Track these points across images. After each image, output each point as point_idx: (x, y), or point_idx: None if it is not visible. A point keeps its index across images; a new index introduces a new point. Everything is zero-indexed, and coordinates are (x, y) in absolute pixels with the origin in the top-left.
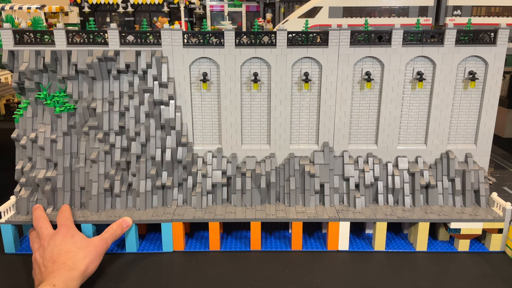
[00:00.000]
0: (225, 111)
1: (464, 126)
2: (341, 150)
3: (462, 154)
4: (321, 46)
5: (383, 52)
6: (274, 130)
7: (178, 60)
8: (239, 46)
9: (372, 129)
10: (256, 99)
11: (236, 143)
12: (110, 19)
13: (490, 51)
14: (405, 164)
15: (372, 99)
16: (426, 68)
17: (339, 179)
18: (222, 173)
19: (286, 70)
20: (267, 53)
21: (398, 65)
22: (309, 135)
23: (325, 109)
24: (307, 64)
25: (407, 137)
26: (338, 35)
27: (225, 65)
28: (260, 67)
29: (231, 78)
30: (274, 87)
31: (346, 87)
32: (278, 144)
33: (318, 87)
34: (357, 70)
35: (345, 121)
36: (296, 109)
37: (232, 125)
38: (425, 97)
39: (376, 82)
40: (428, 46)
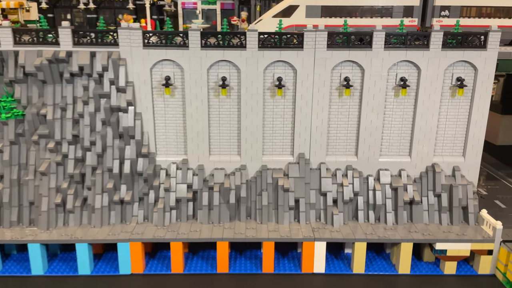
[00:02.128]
0: (190, 119)
1: (452, 137)
2: (318, 162)
3: (450, 167)
4: (296, 49)
5: (363, 56)
6: (245, 139)
7: (138, 62)
8: (206, 48)
9: (352, 140)
10: (225, 106)
11: (203, 153)
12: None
13: (480, 55)
14: (387, 178)
15: (352, 107)
16: (410, 73)
17: (315, 194)
18: (187, 186)
19: (258, 75)
20: (236, 55)
21: (379, 70)
22: (284, 145)
23: (301, 118)
24: (281, 68)
25: (390, 149)
26: (314, 37)
27: (190, 68)
28: (229, 71)
29: (197, 83)
30: (245, 93)
31: (323, 94)
32: (250, 155)
33: (293, 94)
34: (335, 75)
35: (323, 130)
36: (269, 117)
37: (198, 134)
38: (410, 105)
39: (356, 88)
40: (412, 49)
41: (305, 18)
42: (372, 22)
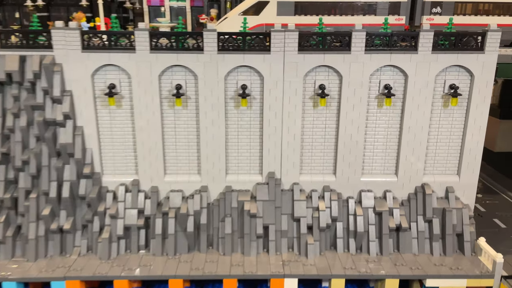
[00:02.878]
0: (141, 133)
1: (445, 153)
2: (291, 183)
3: (442, 188)
4: (262, 52)
5: (340, 60)
6: (205, 157)
7: (76, 68)
8: (156, 51)
9: (330, 157)
10: (182, 118)
11: (157, 173)
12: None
13: (477, 59)
14: (370, 200)
15: (329, 119)
16: (396, 80)
17: (287, 219)
18: (138, 212)
19: (218, 82)
20: (192, 60)
21: (360, 77)
22: (251, 163)
23: (269, 132)
24: (245, 74)
25: (373, 167)
26: (282, 38)
27: (138, 74)
28: (185, 77)
29: (147, 91)
30: (204, 103)
31: (294, 104)
32: (211, 174)
33: (260, 104)
34: (309, 83)
35: (295, 146)
36: (234, 131)
37: (151, 151)
38: (395, 116)
39: (333, 97)
40: (398, 52)
41: (276, 16)
42: (353, 20)
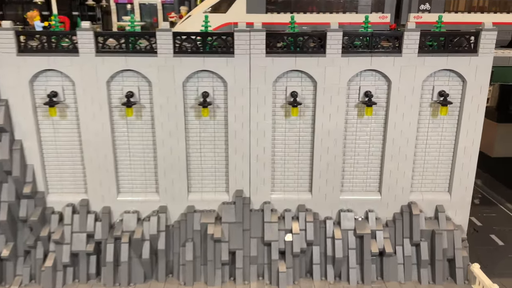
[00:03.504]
0: (89, 147)
1: (434, 168)
2: (261, 202)
3: (431, 207)
4: (225, 55)
5: (314, 64)
6: (163, 173)
7: (12, 73)
8: (103, 53)
9: (305, 172)
10: (136, 130)
11: (108, 192)
12: None
13: (469, 62)
14: (350, 221)
15: (303, 130)
16: (378, 86)
17: (257, 244)
18: (87, 236)
19: (175, 89)
20: (144, 64)
21: (336, 83)
22: (216, 180)
23: (236, 144)
24: (207, 80)
25: (354, 183)
26: (247, 39)
27: (83, 80)
28: (137, 83)
29: (94, 100)
30: (159, 113)
31: (264, 114)
32: (171, 193)
33: (225, 113)
34: (280, 90)
35: (265, 161)
36: (196, 143)
37: (101, 167)
38: (378, 127)
39: (307, 106)
40: (380, 55)
41: (246, 14)
42: (333, 18)
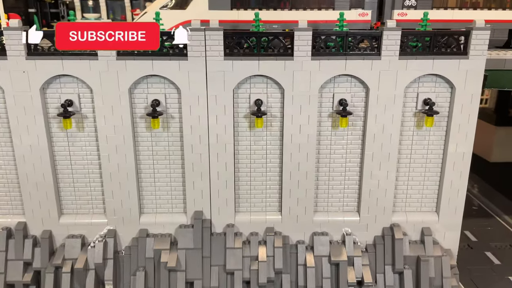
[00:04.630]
0: (23, 163)
1: (419, 185)
2: (224, 224)
3: (417, 230)
4: (177, 58)
5: (281, 69)
6: (110, 193)
7: None
8: (36, 56)
9: (274, 190)
10: (78, 143)
11: (49, 214)
12: None
13: (458, 66)
14: (325, 246)
15: (271, 143)
16: (355, 94)
17: (218, 272)
18: (24, 264)
19: (120, 97)
20: (84, 68)
21: (306, 90)
22: (173, 199)
23: (193, 160)
24: (158, 86)
25: (329, 203)
26: (202, 39)
27: (13, 88)
28: (77, 90)
29: (27, 110)
30: (104, 125)
31: (224, 125)
32: (120, 215)
33: (179, 124)
34: (242, 98)
35: (228, 177)
36: (147, 159)
37: (38, 186)
38: (355, 140)
39: (274, 116)
40: (356, 58)
41: (208, 10)
42: (307, 16)
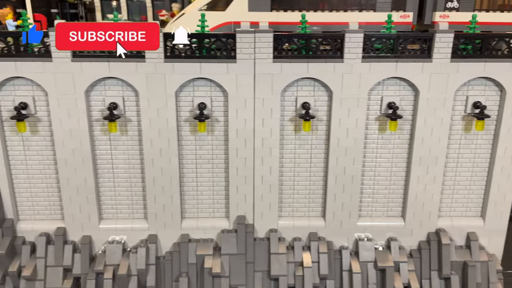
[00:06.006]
0: (65, 167)
1: (465, 190)
2: (267, 229)
3: (462, 235)
4: (225, 60)
5: (330, 71)
6: (153, 197)
7: None
8: (81, 58)
9: (317, 195)
10: (121, 147)
11: (88, 219)
12: None
13: (510, 69)
14: (370, 252)
15: (316, 146)
16: (404, 97)
17: (262, 278)
18: (64, 271)
19: (167, 100)
20: (130, 70)
21: (355, 93)
22: (214, 204)
23: (238, 164)
24: (204, 89)
25: (374, 208)
26: (252, 41)
27: (57, 90)
28: (122, 93)
29: (70, 112)
30: (148, 128)
31: (270, 129)
32: (162, 220)
33: (225, 128)
34: (289, 101)
35: (272, 182)
36: (191, 163)
37: (80, 190)
38: (402, 144)
39: (320, 119)
40: (406, 60)
41: (248, 12)
42: (348, 17)
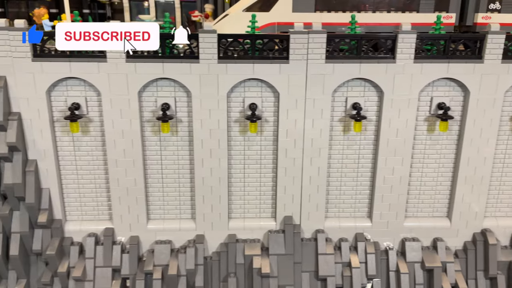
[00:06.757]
0: (115, 168)
1: (510, 190)
2: (313, 230)
3: (507, 235)
4: (278, 61)
5: (382, 72)
6: (201, 198)
7: (26, 82)
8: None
9: (364, 195)
10: (170, 148)
11: (137, 219)
12: None
13: None
14: (417, 252)
15: (364, 147)
16: (453, 98)
17: (309, 279)
18: (112, 271)
19: (219, 101)
20: (183, 71)
21: (407, 93)
22: (261, 204)
23: (286, 164)
24: (254, 90)
25: (420, 207)
26: (305, 42)
27: (111, 90)
28: (174, 94)
29: (123, 113)
30: (199, 129)
31: (320, 129)
32: (209, 220)
33: (274, 129)
34: (338, 101)
35: (320, 183)
36: (239, 163)
37: (129, 191)
38: (450, 144)
39: (369, 119)
40: (457, 61)
41: (292, 13)
42: (390, 18)
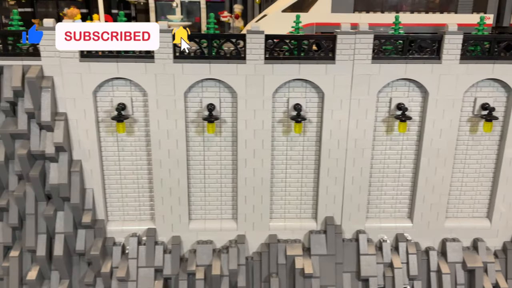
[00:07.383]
0: (159, 169)
1: None
2: (354, 231)
3: None
4: (324, 61)
5: (427, 72)
6: (243, 198)
7: (73, 82)
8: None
9: (405, 196)
10: (213, 148)
11: (179, 219)
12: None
13: None
14: (457, 253)
15: (407, 147)
16: (497, 98)
17: (351, 279)
18: (155, 271)
19: (264, 101)
20: (229, 71)
21: (451, 93)
22: (302, 205)
23: (329, 165)
24: (299, 90)
25: (460, 209)
26: (353, 43)
27: (158, 91)
28: (219, 94)
29: (169, 113)
30: (244, 129)
31: (364, 130)
32: (251, 220)
33: (317, 129)
34: (382, 101)
35: (362, 183)
36: (281, 164)
37: (172, 191)
38: (492, 145)
39: (413, 120)
40: (502, 62)
41: (331, 13)
42: (429, 19)
